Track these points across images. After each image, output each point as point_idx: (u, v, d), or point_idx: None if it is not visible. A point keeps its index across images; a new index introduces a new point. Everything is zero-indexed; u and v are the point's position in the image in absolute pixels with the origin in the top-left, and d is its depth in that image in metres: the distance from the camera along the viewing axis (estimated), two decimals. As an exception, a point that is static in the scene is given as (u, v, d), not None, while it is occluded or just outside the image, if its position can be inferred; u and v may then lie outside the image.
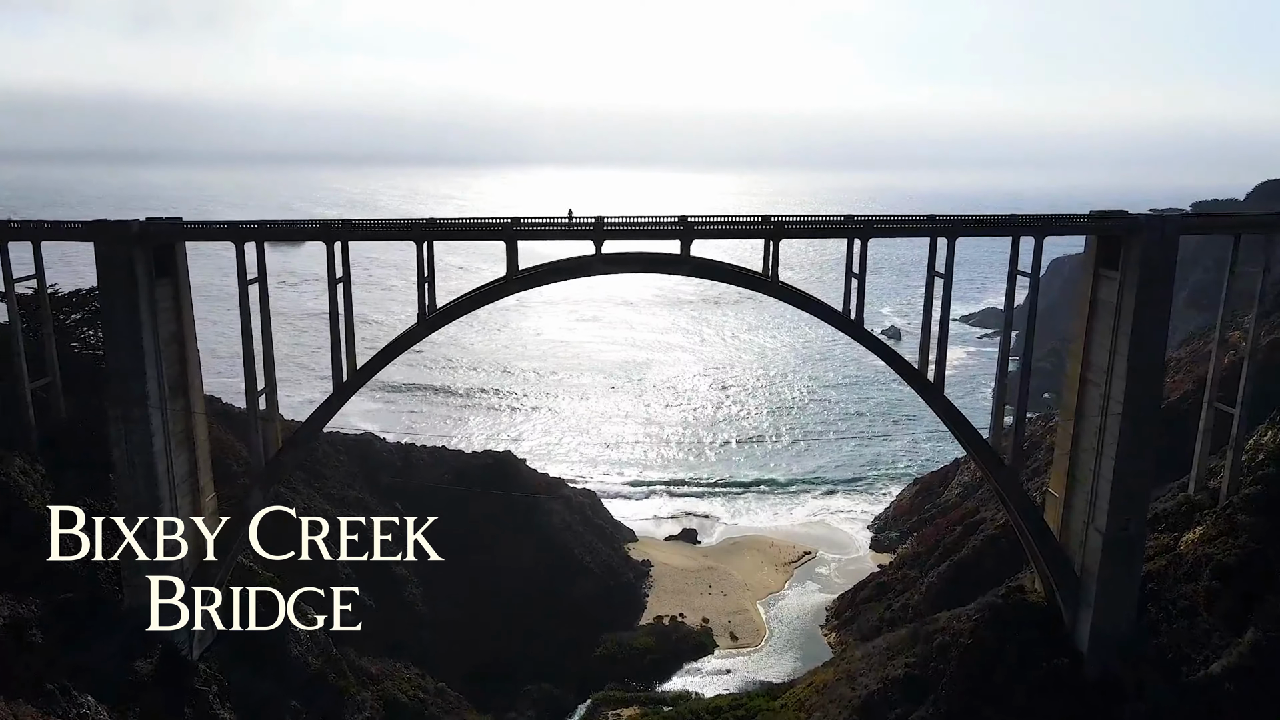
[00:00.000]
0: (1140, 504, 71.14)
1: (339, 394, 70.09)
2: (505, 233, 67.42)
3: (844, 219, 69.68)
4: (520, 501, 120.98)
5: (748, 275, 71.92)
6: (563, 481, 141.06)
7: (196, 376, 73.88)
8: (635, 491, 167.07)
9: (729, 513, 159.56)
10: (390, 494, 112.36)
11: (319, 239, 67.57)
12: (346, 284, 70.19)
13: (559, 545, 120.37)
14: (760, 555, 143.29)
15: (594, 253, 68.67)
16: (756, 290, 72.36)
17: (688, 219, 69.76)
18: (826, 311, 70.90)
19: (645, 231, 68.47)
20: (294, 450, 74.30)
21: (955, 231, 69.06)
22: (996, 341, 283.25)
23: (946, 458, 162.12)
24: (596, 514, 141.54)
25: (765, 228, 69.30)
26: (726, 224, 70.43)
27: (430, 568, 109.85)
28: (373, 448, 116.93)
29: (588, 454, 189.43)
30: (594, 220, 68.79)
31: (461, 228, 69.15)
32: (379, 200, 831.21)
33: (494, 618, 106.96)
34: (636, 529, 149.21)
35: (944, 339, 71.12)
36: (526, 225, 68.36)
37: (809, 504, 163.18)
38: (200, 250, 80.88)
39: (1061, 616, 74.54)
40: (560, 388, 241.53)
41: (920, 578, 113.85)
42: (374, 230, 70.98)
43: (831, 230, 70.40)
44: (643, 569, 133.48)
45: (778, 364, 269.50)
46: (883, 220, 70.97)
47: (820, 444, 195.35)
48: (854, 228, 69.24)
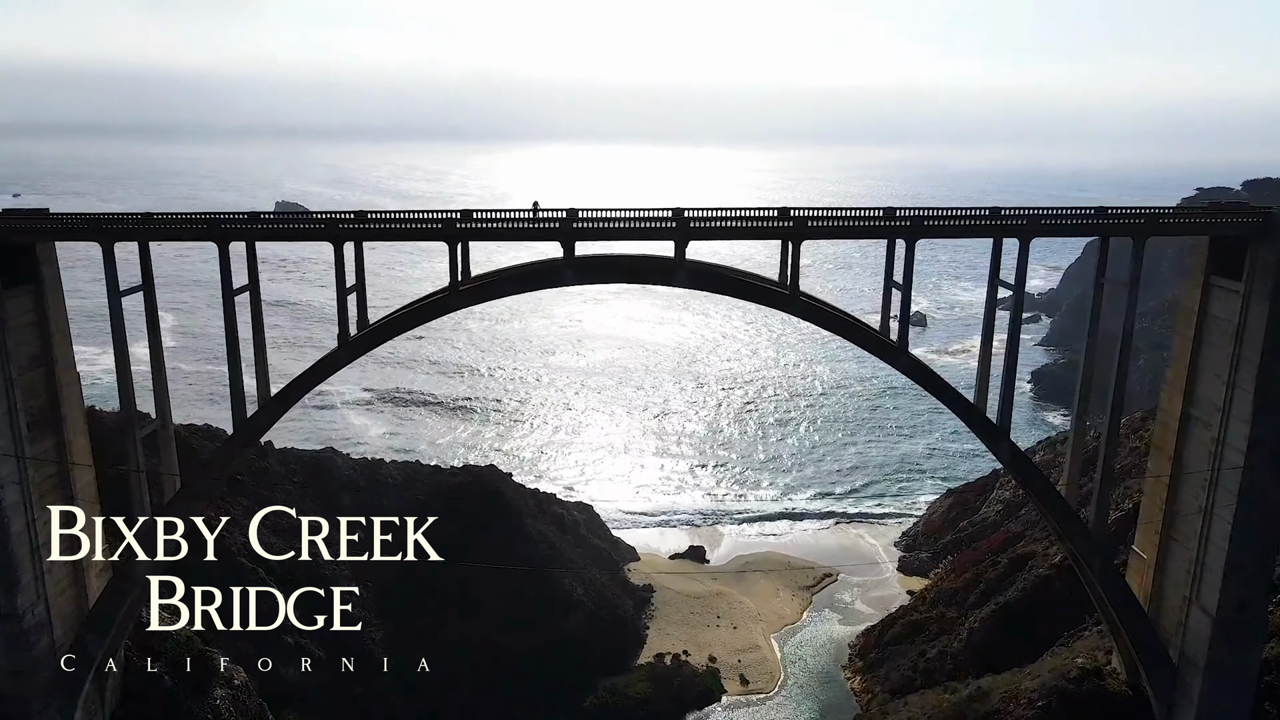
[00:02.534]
0: (1263, 579, 55.82)
1: (240, 434, 55.48)
2: (447, 232, 52.36)
3: (883, 215, 53.98)
4: (502, 524, 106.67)
5: (759, 286, 56.45)
6: (553, 497, 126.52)
7: (75, 406, 59.55)
8: (638, 501, 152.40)
9: (741, 524, 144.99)
10: (350, 519, 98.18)
11: (208, 239, 52.75)
12: (254, 293, 55.46)
13: (546, 575, 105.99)
14: (775, 577, 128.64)
15: (563, 256, 53.46)
16: (772, 306, 57.04)
17: (684, 213, 54.43)
18: (864, 336, 55.40)
19: (628, 229, 53.29)
20: (185, 502, 59.59)
21: (1030, 231, 53.53)
22: (1031, 328, 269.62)
23: (984, 467, 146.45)
24: (593, 532, 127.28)
25: (782, 225, 53.74)
26: (733, 220, 54.89)
27: (392, 607, 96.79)
28: (333, 465, 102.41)
29: (583, 460, 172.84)
30: (562, 215, 53.58)
31: (390, 225, 53.97)
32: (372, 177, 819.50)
33: (468, 665, 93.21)
34: (639, 544, 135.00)
35: (1011, 376, 55.51)
36: (476, 223, 53.18)
37: (830, 514, 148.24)
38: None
39: (1152, 712, 59.58)
40: (555, 386, 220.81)
41: (959, 619, 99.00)
42: (284, 231, 56.17)
43: (868, 229, 54.89)
44: (643, 596, 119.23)
45: (795, 353, 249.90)
46: (934, 218, 55.08)
47: (842, 446, 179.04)
48: (897, 226, 53.58)
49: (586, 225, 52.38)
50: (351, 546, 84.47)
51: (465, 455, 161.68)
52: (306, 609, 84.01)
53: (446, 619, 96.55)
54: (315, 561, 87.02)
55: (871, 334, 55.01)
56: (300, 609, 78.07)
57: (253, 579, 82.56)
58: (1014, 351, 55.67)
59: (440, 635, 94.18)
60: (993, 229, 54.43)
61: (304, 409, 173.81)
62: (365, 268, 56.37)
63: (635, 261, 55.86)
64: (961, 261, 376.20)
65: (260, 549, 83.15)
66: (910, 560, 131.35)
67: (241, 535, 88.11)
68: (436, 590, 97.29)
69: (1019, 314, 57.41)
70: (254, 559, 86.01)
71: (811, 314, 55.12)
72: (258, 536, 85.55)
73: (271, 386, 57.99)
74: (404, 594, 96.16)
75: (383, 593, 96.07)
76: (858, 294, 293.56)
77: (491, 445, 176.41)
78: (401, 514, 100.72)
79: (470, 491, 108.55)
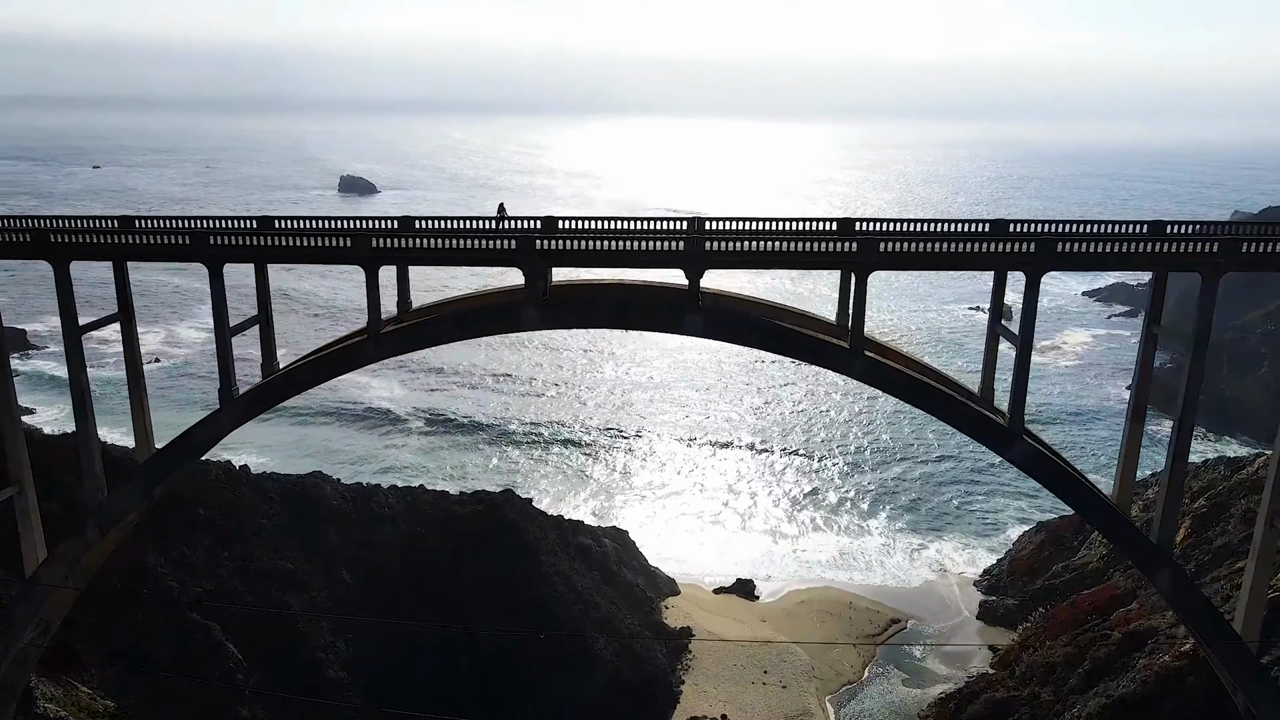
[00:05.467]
0: None
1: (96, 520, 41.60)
2: (359, 252, 37.28)
3: (990, 228, 36.69)
4: (513, 563, 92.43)
5: (805, 338, 39.94)
6: (580, 525, 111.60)
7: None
8: (680, 524, 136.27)
9: (798, 552, 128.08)
10: (338, 557, 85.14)
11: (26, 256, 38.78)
12: (127, 319, 41.33)
13: (564, 623, 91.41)
14: (834, 621, 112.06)
15: (523, 288, 37.84)
16: (824, 366, 40.57)
17: (702, 225, 38.16)
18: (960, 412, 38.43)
19: (617, 253, 37.34)
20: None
21: (1224, 266, 35.76)
22: (1130, 323, 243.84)
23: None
24: (625, 563, 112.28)
25: (843, 252, 36.96)
26: (768, 236, 38.30)
27: (374, 663, 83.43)
28: (319, 493, 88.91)
29: (618, 479, 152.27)
30: (533, 226, 37.90)
31: (275, 245, 39.08)
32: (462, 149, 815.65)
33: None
34: (680, 575, 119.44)
35: (1178, 489, 38.04)
36: (399, 235, 37.87)
37: (899, 545, 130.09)
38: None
39: None
40: (592, 392, 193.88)
41: (1057, 705, 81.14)
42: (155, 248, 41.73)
43: (970, 257, 37.55)
44: (680, 641, 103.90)
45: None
46: (1075, 235, 37.46)
47: (915, 463, 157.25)
48: (1020, 254, 36.25)
49: (554, 247, 36.60)
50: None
51: (481, 476, 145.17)
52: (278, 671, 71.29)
53: (438, 679, 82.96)
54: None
55: (971, 411, 38.13)
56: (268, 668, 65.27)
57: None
58: (1184, 451, 37.94)
59: (432, 695, 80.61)
60: (1160, 258, 36.72)
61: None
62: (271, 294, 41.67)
63: (628, 296, 40.04)
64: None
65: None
66: (993, 607, 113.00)
67: (199, 580, 75.57)
68: (430, 643, 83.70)
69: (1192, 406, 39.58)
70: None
71: (880, 378, 38.53)
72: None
73: (155, 438, 44.03)
74: (388, 648, 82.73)
75: (364, 645, 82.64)
76: (920, 321, 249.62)
77: (511, 465, 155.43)
78: (393, 550, 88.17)
79: (478, 523, 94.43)
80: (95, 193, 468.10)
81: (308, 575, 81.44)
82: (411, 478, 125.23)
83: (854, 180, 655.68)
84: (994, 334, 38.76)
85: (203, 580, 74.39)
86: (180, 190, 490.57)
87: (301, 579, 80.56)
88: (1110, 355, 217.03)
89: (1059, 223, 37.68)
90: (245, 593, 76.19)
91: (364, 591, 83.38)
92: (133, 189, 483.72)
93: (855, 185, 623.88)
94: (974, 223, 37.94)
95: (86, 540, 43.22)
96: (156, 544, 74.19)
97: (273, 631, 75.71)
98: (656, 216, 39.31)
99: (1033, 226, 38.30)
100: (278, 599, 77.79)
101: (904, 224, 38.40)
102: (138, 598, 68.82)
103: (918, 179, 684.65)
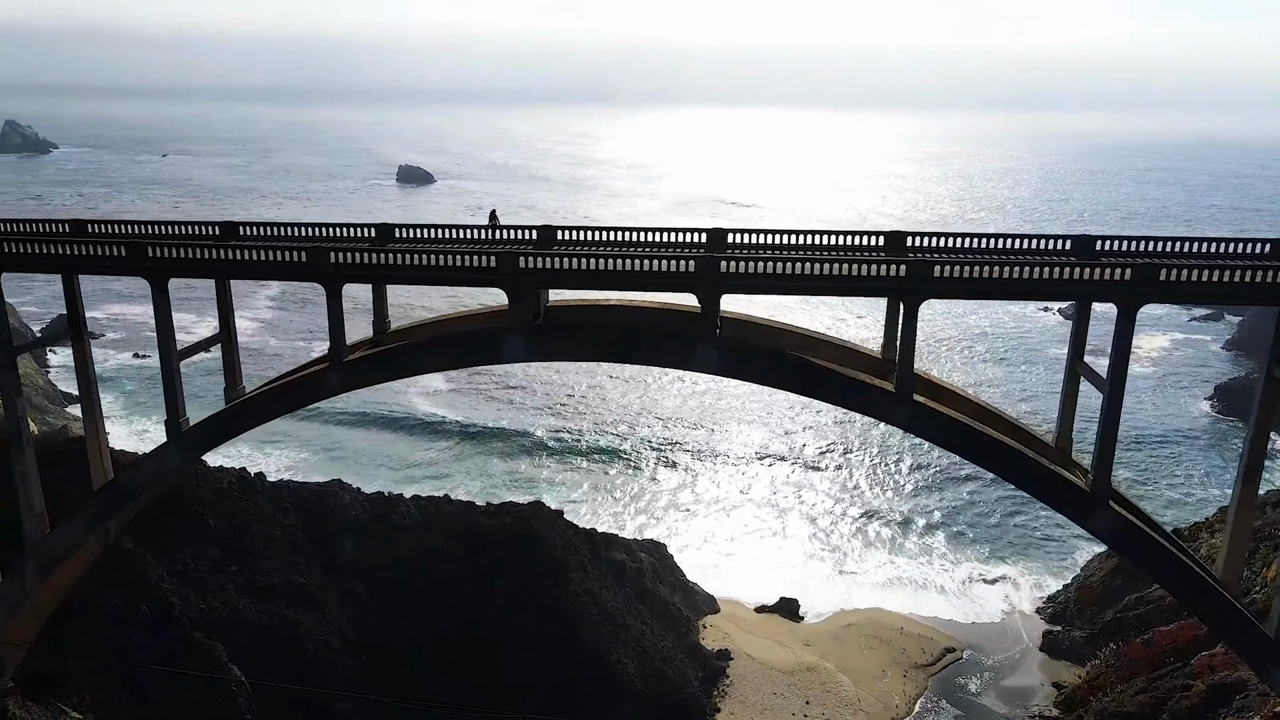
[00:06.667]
0: None
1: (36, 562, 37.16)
2: (317, 268, 32.09)
3: (1071, 245, 29.89)
4: (539, 580, 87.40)
5: (842, 379, 33.53)
6: (614, 538, 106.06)
7: None
8: (721, 536, 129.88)
9: (845, 571, 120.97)
10: (354, 572, 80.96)
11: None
12: (78, 335, 36.83)
13: (592, 647, 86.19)
14: (883, 648, 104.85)
15: (510, 310, 32.23)
16: (863, 412, 34.31)
17: (721, 236, 32.25)
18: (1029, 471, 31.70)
19: (619, 275, 31.27)
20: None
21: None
22: (1212, 327, 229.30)
23: (1163, 516, 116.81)
24: (662, 578, 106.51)
25: (890, 276, 30.45)
26: (791, 257, 32.04)
27: (385, 682, 78.96)
28: (337, 503, 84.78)
29: (658, 487, 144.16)
30: (527, 237, 32.27)
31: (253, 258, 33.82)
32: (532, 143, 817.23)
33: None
34: (720, 591, 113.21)
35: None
36: (361, 260, 32.52)
37: (955, 566, 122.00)
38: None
39: None
40: (631, 399, 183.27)
41: (1129, 762, 73.46)
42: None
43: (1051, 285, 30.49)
44: (716, 665, 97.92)
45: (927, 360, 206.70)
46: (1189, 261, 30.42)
47: (974, 478, 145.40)
48: (1110, 281, 29.39)
49: (545, 265, 30.90)
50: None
51: (513, 485, 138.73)
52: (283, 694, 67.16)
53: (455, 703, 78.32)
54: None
55: (1044, 471, 31.37)
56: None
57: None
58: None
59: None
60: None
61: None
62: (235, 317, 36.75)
63: (633, 322, 34.12)
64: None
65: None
66: (1058, 639, 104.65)
67: (204, 596, 71.82)
68: (447, 665, 79.11)
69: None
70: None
71: (930, 428, 32.03)
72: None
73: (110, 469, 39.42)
74: (402, 670, 78.26)
75: (375, 661, 78.20)
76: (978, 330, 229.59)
77: (545, 474, 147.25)
78: (413, 565, 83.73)
79: (503, 536, 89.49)
80: (160, 182, 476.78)
81: (320, 591, 77.36)
82: (437, 487, 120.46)
83: (910, 174, 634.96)
84: (1074, 373, 31.97)
85: (208, 596, 70.70)
86: (240, 180, 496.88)
87: (314, 595, 76.49)
88: (1189, 364, 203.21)
89: (1158, 240, 30.56)
90: (253, 610, 72.36)
91: (379, 609, 79.06)
92: (188, 180, 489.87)
93: (913, 179, 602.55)
94: (1050, 239, 31.07)
95: (25, 585, 39.08)
96: (160, 556, 70.73)
97: (279, 651, 71.74)
98: (672, 228, 33.38)
99: (1126, 244, 31.37)
100: (288, 616, 73.85)
101: (964, 239, 31.63)
102: (135, 615, 65.34)
103: (980, 173, 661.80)
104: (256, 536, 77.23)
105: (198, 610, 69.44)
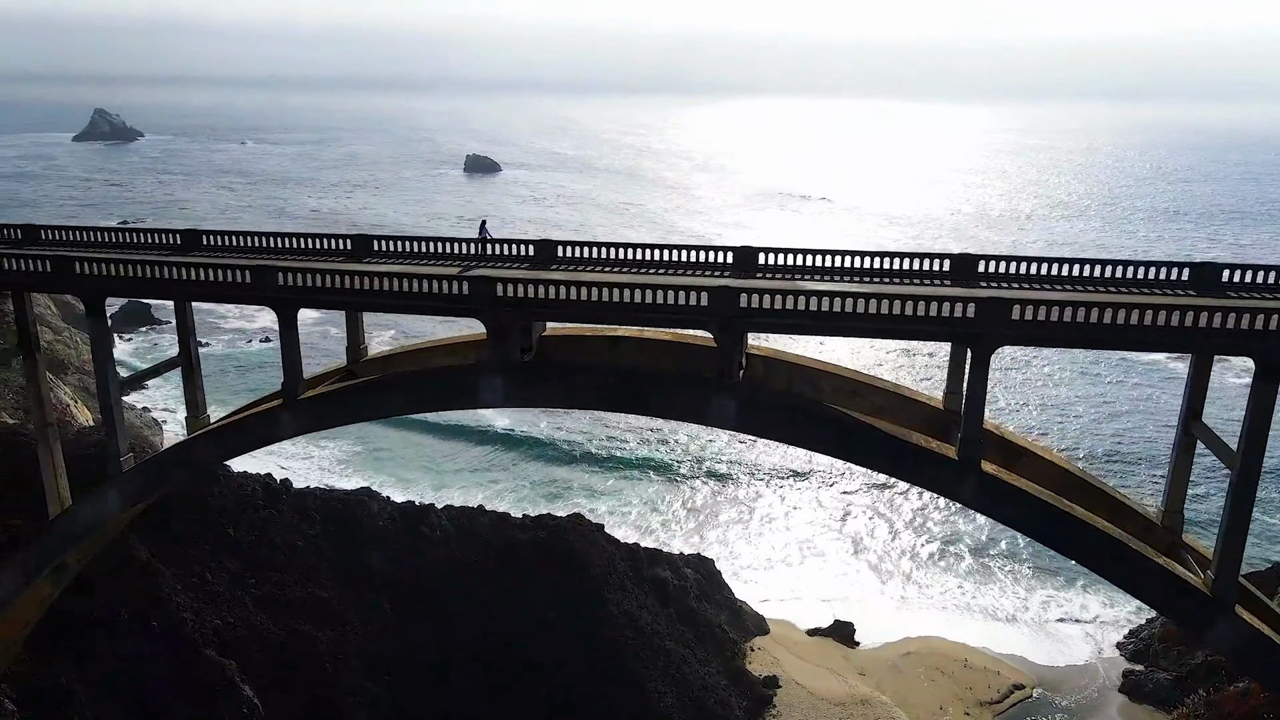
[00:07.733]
0: None
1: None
2: (263, 290, 27.35)
3: (1189, 275, 23.31)
4: (573, 599, 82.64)
5: (891, 442, 27.16)
6: (658, 554, 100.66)
7: None
8: (775, 554, 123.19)
9: (906, 595, 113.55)
10: (378, 586, 77.22)
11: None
12: (32, 355, 32.86)
13: (628, 675, 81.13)
14: (945, 681, 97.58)
15: (489, 346, 26.94)
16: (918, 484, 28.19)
17: (751, 256, 26.66)
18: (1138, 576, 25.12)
19: (616, 307, 25.65)
20: None
21: None
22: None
23: (1256, 555, 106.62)
24: (707, 596, 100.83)
25: (955, 318, 24.00)
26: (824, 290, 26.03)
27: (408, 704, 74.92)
28: (364, 512, 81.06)
29: (707, 500, 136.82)
30: (504, 260, 26.96)
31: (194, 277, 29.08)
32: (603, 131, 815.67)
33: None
34: (771, 613, 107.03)
35: None
36: (312, 283, 27.61)
37: (1026, 594, 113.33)
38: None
39: None
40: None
41: (1221, 837, 65.34)
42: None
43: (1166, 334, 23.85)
44: (763, 693, 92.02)
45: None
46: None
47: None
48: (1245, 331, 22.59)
49: (529, 294, 25.54)
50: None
51: (554, 497, 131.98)
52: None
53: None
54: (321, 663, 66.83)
55: (1150, 566, 24.86)
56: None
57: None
58: None
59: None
60: None
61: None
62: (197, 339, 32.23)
63: (641, 358, 28.60)
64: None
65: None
66: (1140, 680, 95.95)
67: (220, 611, 68.69)
68: (469, 689, 74.85)
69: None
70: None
71: (1002, 504, 25.61)
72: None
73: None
74: (427, 693, 74.12)
75: (396, 682, 74.37)
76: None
77: (588, 482, 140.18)
78: (441, 577, 79.64)
79: (538, 552, 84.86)
80: (236, 171, 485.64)
81: (342, 605, 73.75)
82: (473, 496, 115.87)
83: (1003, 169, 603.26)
84: (1188, 435, 25.25)
85: (223, 610, 67.56)
86: (310, 169, 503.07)
87: (335, 610, 72.90)
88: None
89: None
90: (270, 625, 69.04)
91: (403, 626, 75.16)
92: (262, 169, 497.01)
93: (1008, 175, 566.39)
94: (1163, 266, 24.22)
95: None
96: (177, 565, 67.85)
97: (296, 670, 68.31)
98: (693, 245, 27.68)
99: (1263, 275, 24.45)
100: (306, 633, 70.39)
101: (1054, 265, 24.83)
102: (144, 629, 62.45)
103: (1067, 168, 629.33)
104: (278, 547, 73.96)
105: (211, 626, 66.35)
